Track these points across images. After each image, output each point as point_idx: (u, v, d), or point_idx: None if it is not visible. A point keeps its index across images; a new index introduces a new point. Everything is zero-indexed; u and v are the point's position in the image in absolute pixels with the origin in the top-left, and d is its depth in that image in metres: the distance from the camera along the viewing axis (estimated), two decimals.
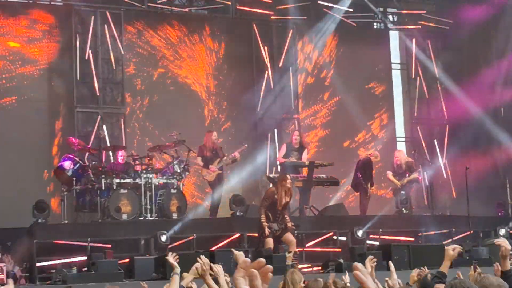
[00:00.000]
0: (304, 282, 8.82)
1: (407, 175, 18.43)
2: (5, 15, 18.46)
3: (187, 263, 8.02)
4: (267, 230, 14.38)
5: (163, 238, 15.13)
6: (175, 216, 16.12)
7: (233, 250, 7.63)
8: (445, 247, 7.64)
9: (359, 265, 4.29)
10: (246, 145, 17.91)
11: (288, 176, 15.15)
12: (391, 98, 22.67)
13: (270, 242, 14.42)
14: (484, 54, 21.28)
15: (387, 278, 8.75)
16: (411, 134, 22.44)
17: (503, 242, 6.89)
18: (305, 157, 17.67)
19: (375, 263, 8.22)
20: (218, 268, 7.29)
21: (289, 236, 14.64)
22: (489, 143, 21.18)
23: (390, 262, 8.49)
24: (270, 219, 14.48)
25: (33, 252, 14.53)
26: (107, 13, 18.89)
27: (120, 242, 15.15)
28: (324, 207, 18.30)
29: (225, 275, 7.50)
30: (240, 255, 7.53)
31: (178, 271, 7.60)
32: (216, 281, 7.30)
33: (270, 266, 3.71)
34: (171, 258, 7.94)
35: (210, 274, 7.29)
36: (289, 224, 14.67)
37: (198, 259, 7.25)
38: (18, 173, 17.81)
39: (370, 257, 8.26)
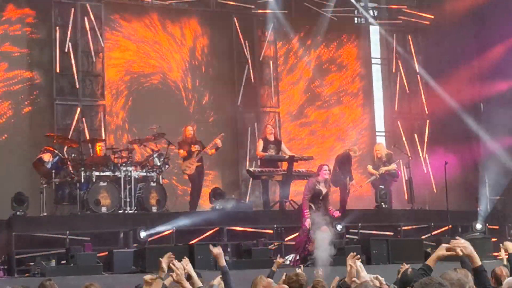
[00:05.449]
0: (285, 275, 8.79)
1: (387, 165, 18.42)
2: None
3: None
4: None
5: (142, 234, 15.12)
6: (154, 209, 16.09)
7: (211, 246, 7.43)
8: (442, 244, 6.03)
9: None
10: (223, 134, 17.81)
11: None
12: (371, 92, 22.69)
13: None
14: (464, 49, 21.32)
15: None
16: (392, 128, 22.48)
17: (458, 244, 5.88)
18: (284, 148, 17.59)
19: (359, 260, 7.48)
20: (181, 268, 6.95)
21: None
22: (468, 138, 21.23)
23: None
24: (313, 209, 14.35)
25: (11, 245, 14.48)
26: (88, 5, 18.81)
27: (99, 235, 15.10)
28: None
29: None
30: (217, 252, 7.42)
31: (163, 275, 7.19)
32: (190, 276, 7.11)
33: None
34: (165, 259, 7.14)
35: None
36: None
37: (171, 265, 6.91)
38: None
39: (352, 253, 7.47)
